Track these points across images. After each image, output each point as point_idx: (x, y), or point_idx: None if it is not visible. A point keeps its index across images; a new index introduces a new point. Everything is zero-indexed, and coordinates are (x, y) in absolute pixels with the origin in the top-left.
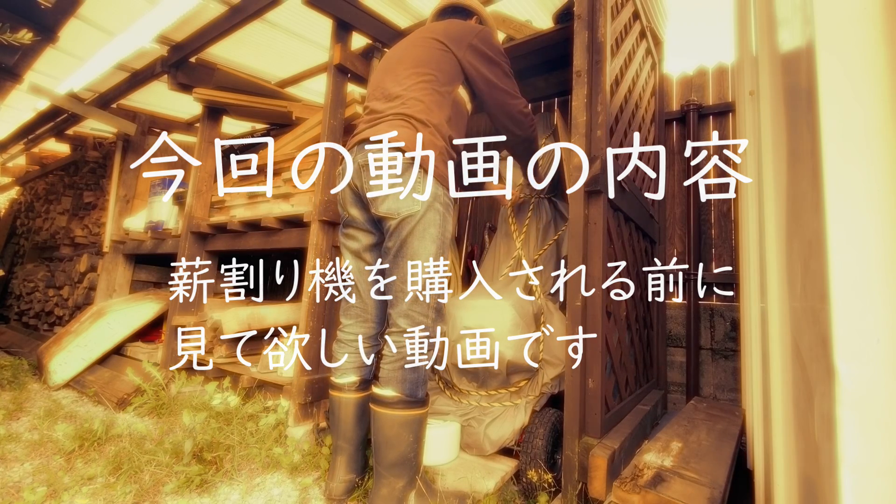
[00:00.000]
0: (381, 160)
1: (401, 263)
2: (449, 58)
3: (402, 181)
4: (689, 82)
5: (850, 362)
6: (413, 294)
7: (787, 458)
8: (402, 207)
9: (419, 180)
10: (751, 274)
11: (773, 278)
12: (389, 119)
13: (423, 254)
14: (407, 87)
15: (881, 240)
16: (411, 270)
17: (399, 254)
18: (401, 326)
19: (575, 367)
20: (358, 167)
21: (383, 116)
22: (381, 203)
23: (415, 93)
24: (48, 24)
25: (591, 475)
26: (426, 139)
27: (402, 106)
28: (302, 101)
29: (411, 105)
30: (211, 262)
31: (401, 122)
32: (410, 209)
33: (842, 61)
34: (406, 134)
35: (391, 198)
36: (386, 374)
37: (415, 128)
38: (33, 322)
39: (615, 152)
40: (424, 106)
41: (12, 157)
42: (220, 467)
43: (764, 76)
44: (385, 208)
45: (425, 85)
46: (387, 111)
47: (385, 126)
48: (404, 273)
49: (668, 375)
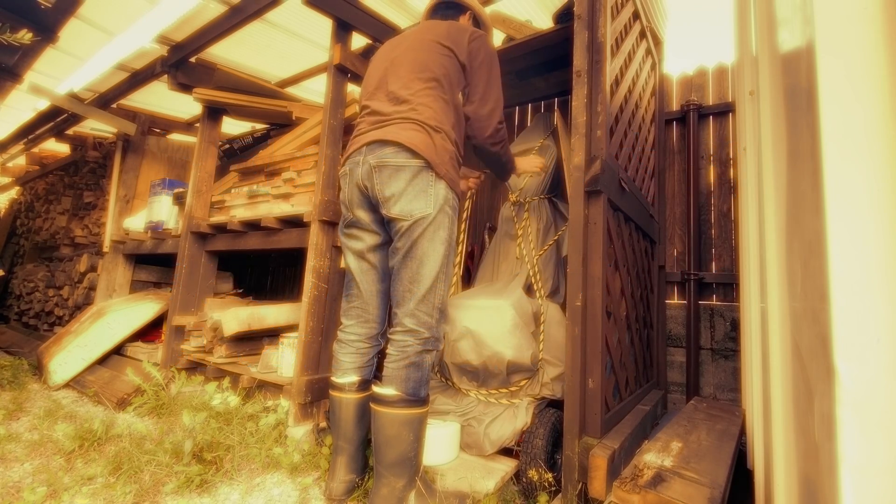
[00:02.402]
0: (397, 163)
1: (410, 264)
2: (454, 63)
3: (416, 184)
4: (689, 82)
5: (850, 362)
6: (421, 294)
7: (787, 458)
8: (416, 209)
9: (431, 183)
10: (751, 274)
11: (773, 278)
12: (399, 122)
13: (433, 255)
14: (414, 93)
15: (881, 240)
16: (420, 271)
17: (409, 255)
18: (406, 326)
19: (575, 367)
20: (369, 168)
21: (391, 119)
22: (393, 204)
23: (423, 98)
24: (48, 24)
25: (591, 475)
26: (438, 144)
27: (411, 111)
28: (302, 101)
29: (421, 111)
30: (211, 262)
31: (413, 126)
32: (423, 211)
33: (842, 61)
34: (419, 138)
35: (404, 199)
36: (389, 372)
37: (427, 133)
38: (33, 322)
39: (615, 152)
40: (433, 112)
41: (12, 157)
42: (220, 467)
43: (764, 76)
44: (398, 210)
45: (432, 91)
46: (394, 115)
47: (396, 129)
48: (413, 273)
49: (668, 375)
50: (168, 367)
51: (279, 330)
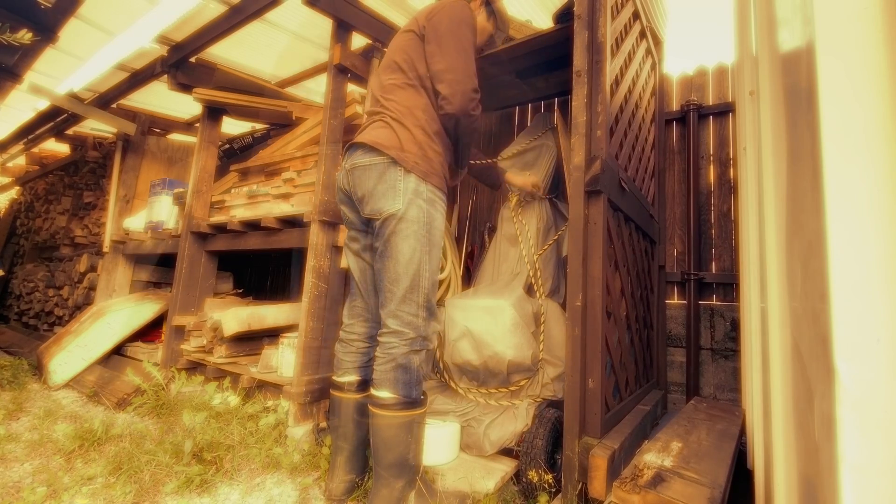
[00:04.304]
0: (364, 163)
1: (388, 263)
2: (414, 43)
3: (384, 181)
4: (689, 82)
5: (850, 362)
6: (401, 294)
7: (787, 458)
8: (385, 207)
9: (400, 178)
10: (751, 274)
11: (773, 278)
12: (372, 123)
13: (407, 252)
14: (385, 90)
15: (881, 240)
16: (397, 269)
17: (385, 254)
18: (390, 327)
19: (575, 367)
20: (345, 172)
21: (370, 121)
22: (366, 204)
23: (390, 94)
24: (48, 23)
25: (591, 475)
26: (404, 137)
27: (382, 109)
28: (302, 101)
29: (389, 106)
30: (211, 262)
31: (380, 124)
32: (391, 208)
33: (842, 61)
34: (383, 135)
35: (374, 198)
36: (379, 375)
37: (391, 128)
38: (33, 322)
39: (615, 152)
40: (397, 104)
41: (12, 157)
42: (220, 467)
43: (764, 76)
44: (369, 209)
45: (396, 82)
46: (373, 116)
47: (368, 130)
48: (392, 273)
49: (668, 375)
50: (168, 367)
51: (279, 330)
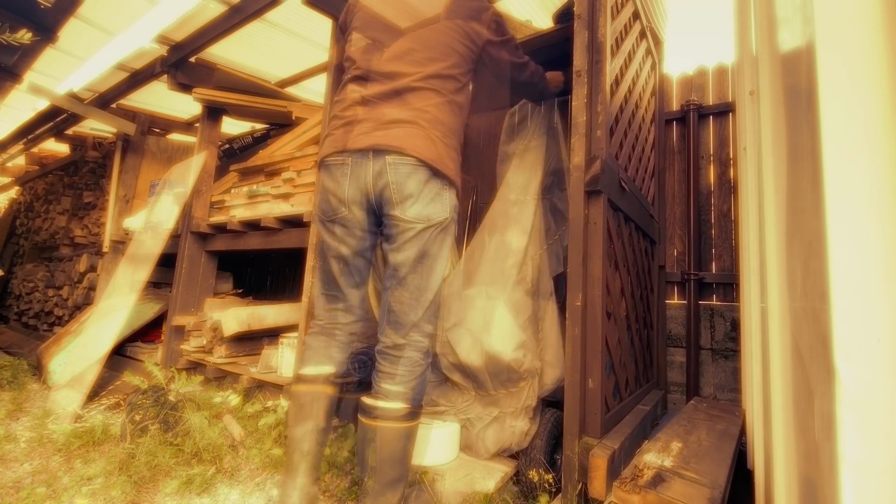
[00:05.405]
0: (405, 168)
1: (422, 271)
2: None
3: (428, 189)
4: (689, 82)
5: (850, 362)
6: (426, 304)
7: (787, 458)
8: (434, 214)
9: (444, 187)
10: (751, 274)
11: (773, 278)
12: (402, 125)
13: (442, 263)
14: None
15: (881, 240)
16: (430, 278)
17: (419, 261)
18: (412, 340)
19: (575, 367)
20: (378, 170)
21: (394, 122)
22: (409, 207)
23: (420, 102)
24: (48, 23)
25: (591, 475)
26: (441, 148)
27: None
28: (302, 101)
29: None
30: (211, 262)
31: (414, 131)
32: (441, 216)
33: (842, 61)
34: (424, 145)
35: (420, 203)
36: (396, 388)
37: (430, 138)
38: (33, 322)
39: (615, 152)
40: (431, 115)
41: (12, 157)
42: (220, 467)
43: (764, 76)
44: (414, 213)
45: (435, 90)
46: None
47: (399, 132)
48: (422, 282)
49: (668, 375)
50: (168, 367)
51: (279, 330)
